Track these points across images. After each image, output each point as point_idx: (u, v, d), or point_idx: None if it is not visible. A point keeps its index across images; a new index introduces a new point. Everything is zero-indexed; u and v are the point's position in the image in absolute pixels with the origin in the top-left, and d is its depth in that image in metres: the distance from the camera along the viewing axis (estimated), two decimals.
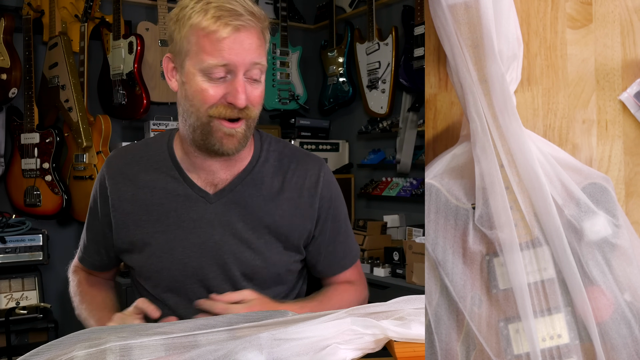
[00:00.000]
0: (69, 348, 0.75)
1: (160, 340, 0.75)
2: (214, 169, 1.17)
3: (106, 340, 0.74)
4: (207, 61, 1.04)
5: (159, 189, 1.19)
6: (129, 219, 1.20)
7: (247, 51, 1.05)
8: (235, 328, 0.78)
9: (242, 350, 0.72)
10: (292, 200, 1.20)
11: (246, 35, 1.05)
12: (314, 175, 1.23)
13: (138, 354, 0.73)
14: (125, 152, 1.26)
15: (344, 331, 0.73)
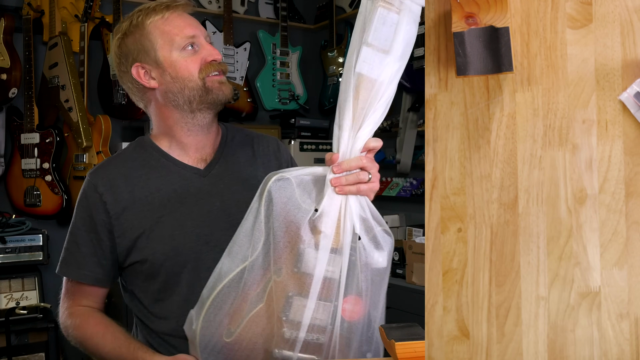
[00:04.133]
0: None
1: None
2: (202, 144, 1.32)
3: None
4: (177, 39, 1.23)
5: (153, 179, 1.27)
6: (131, 215, 1.23)
7: (197, 24, 1.28)
8: None
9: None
10: (264, 164, 1.38)
11: (188, 13, 1.28)
12: (273, 143, 1.45)
13: None
14: (107, 162, 1.34)
15: None
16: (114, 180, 1.26)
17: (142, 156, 1.31)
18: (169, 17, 1.25)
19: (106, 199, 1.24)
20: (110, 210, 1.24)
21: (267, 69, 3.67)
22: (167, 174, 1.28)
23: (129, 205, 1.24)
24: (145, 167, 1.29)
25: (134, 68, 1.26)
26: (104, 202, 1.24)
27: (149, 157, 1.30)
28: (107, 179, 1.26)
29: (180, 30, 1.24)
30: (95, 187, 1.26)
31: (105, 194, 1.24)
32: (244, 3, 3.68)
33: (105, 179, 1.26)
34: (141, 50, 1.25)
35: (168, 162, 1.29)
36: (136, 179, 1.27)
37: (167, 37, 1.23)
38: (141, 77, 1.27)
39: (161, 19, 1.24)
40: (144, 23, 1.24)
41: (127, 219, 1.24)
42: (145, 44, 1.24)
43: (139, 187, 1.26)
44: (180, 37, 1.23)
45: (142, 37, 1.24)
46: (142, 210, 1.24)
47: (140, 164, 1.29)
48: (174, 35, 1.23)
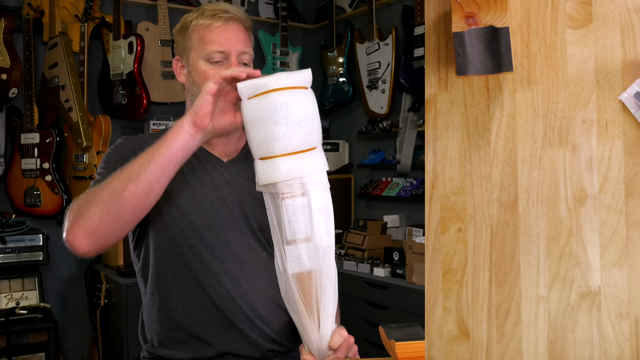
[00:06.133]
0: None
1: None
2: (223, 142, 1.37)
3: None
4: (208, 48, 1.29)
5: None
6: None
7: (237, 41, 1.30)
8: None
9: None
10: None
11: (235, 27, 1.31)
12: None
13: None
14: (140, 135, 1.39)
15: None
16: (146, 143, 1.26)
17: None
18: (212, 25, 1.30)
19: (139, 152, 1.21)
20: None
21: (267, 69, 3.67)
22: (193, 156, 1.26)
23: None
24: None
25: (175, 59, 1.38)
26: (137, 154, 1.22)
27: None
28: (143, 141, 1.32)
29: (214, 41, 1.29)
30: (132, 143, 1.33)
31: (138, 148, 1.24)
32: (244, 3, 3.68)
33: (142, 142, 1.32)
34: (183, 46, 1.35)
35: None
36: None
37: (201, 45, 1.30)
38: (177, 69, 1.38)
39: (204, 25, 1.30)
40: (191, 23, 1.33)
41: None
42: (186, 43, 1.33)
43: None
44: (210, 48, 1.28)
45: (186, 36, 1.33)
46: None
47: None
48: (207, 45, 1.29)
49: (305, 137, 0.99)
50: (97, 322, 2.87)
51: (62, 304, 3.12)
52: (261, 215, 1.29)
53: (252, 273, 1.28)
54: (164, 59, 3.11)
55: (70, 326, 3.12)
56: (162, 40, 3.12)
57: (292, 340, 1.33)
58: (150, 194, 1.09)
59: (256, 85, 1.00)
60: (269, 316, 1.28)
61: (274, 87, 0.99)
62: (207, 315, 1.26)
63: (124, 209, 1.08)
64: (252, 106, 1.00)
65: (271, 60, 3.67)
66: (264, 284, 1.28)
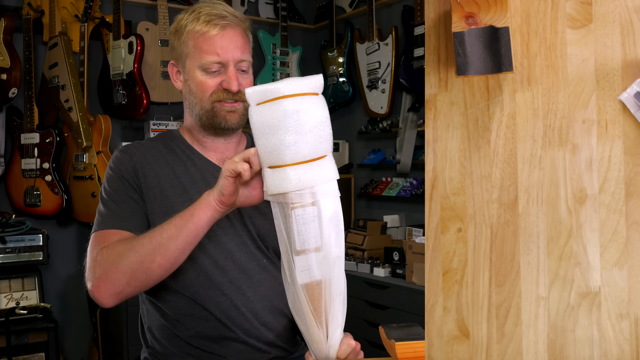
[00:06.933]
0: None
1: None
2: (222, 148, 1.35)
3: None
4: (205, 58, 1.25)
5: (179, 166, 1.32)
6: (156, 191, 1.27)
7: (235, 49, 1.26)
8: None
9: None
10: None
11: (232, 34, 1.27)
12: None
13: None
14: (137, 143, 1.36)
15: None
16: (143, 160, 1.30)
17: (170, 146, 1.35)
18: (208, 34, 1.25)
19: (139, 167, 1.28)
20: (141, 178, 1.27)
21: (267, 69, 3.67)
22: (192, 165, 1.32)
23: (154, 183, 1.27)
24: (172, 154, 1.33)
25: (170, 64, 1.35)
26: (138, 170, 1.28)
27: (176, 148, 1.35)
28: (136, 158, 1.30)
29: (211, 51, 1.25)
30: (127, 159, 1.30)
31: (137, 164, 1.29)
32: (244, 3, 3.68)
33: (135, 158, 1.30)
34: (178, 51, 1.31)
35: (192, 155, 1.34)
36: (163, 164, 1.31)
37: (197, 53, 1.26)
38: (173, 74, 1.35)
39: (200, 32, 1.25)
40: (186, 29, 1.27)
41: (154, 193, 1.27)
42: (182, 49, 1.29)
43: (164, 172, 1.29)
44: (207, 59, 1.24)
45: (182, 41, 1.29)
46: (166, 189, 1.27)
47: (168, 152, 1.33)
48: (203, 54, 1.25)
49: (316, 146, 0.96)
50: (97, 322, 2.87)
51: (62, 304, 3.12)
52: (260, 222, 1.30)
53: (255, 281, 1.27)
54: (164, 59, 3.11)
55: (70, 326, 3.12)
56: (162, 40, 3.12)
57: (292, 344, 1.33)
58: (175, 264, 1.14)
59: (265, 91, 0.97)
60: (273, 322, 1.27)
61: (284, 93, 0.95)
62: (209, 328, 1.25)
63: (151, 277, 1.14)
64: (262, 113, 0.97)
65: (271, 60, 3.67)
66: (266, 291, 1.28)
